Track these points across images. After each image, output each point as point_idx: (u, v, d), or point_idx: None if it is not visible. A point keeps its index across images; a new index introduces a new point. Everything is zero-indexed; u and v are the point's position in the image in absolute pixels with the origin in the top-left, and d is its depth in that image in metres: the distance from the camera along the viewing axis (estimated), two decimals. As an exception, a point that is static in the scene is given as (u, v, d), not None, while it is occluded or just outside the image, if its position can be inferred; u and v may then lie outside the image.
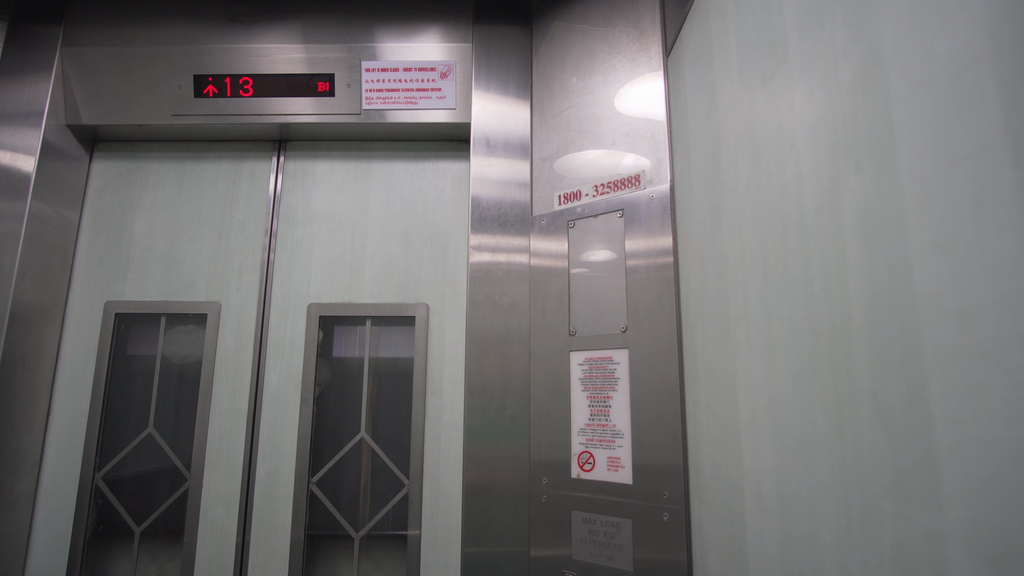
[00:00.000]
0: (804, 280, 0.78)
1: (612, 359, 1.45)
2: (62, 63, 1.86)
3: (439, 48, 1.84)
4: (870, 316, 0.63)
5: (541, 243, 1.65)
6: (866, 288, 0.64)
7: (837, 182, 0.70)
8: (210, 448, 1.77)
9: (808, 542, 0.76)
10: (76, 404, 1.81)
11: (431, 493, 1.74)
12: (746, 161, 1.00)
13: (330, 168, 1.98)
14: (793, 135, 0.82)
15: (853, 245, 0.67)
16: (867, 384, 0.63)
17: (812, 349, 0.75)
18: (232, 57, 1.86)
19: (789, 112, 0.84)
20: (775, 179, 0.88)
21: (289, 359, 1.82)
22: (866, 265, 0.64)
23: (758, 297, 0.93)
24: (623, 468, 1.39)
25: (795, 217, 0.81)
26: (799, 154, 0.80)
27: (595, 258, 1.55)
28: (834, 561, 0.69)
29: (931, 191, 0.55)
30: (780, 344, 0.85)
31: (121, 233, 1.93)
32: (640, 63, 1.58)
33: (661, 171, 1.48)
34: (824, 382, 0.72)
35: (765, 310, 0.90)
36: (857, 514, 0.65)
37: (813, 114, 0.77)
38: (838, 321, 0.69)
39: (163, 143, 2.00)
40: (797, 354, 0.79)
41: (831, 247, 0.71)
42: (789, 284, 0.82)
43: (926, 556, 0.54)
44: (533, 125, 1.76)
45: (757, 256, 0.94)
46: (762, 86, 0.94)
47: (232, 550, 1.72)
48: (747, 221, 0.99)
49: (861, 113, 0.66)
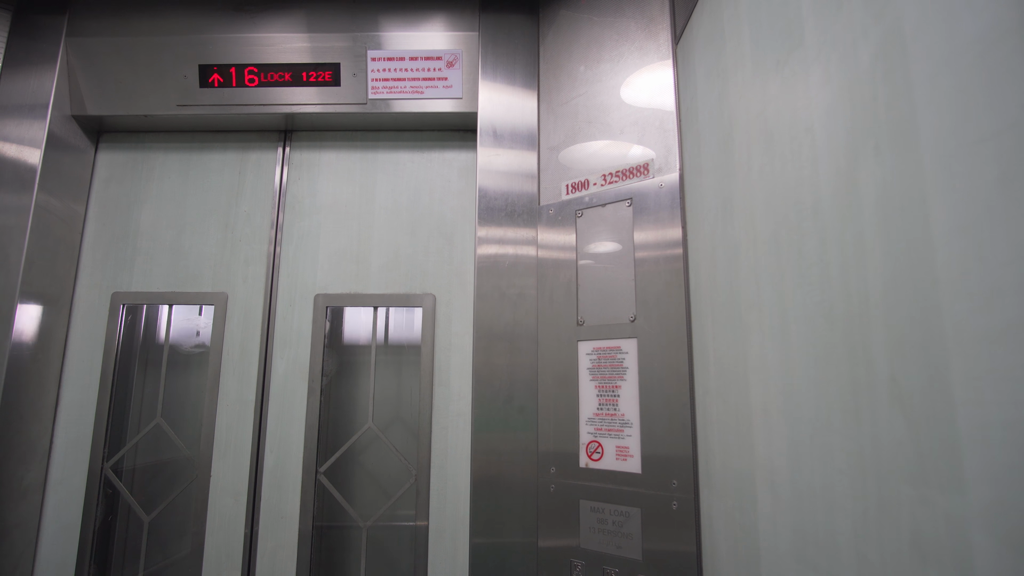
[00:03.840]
0: (820, 266, 0.77)
1: (621, 348, 1.45)
2: (67, 54, 1.85)
3: (445, 37, 1.83)
4: (889, 301, 0.62)
5: (548, 232, 1.64)
6: (885, 272, 0.63)
7: (855, 165, 0.69)
8: (218, 438, 1.78)
9: (823, 529, 0.75)
10: (84, 395, 1.81)
11: (439, 484, 1.74)
12: (759, 147, 0.99)
13: (336, 158, 1.97)
14: (809, 120, 0.81)
15: (872, 229, 0.66)
16: (886, 369, 0.63)
17: (828, 335, 0.75)
18: (237, 46, 1.85)
19: (804, 96, 0.83)
20: (789, 165, 0.87)
21: (296, 349, 1.82)
22: (885, 249, 0.63)
23: (771, 284, 0.93)
24: (632, 457, 1.39)
25: (810, 202, 0.80)
26: (815, 139, 0.80)
27: (603, 248, 1.54)
28: (850, 548, 0.69)
29: (954, 172, 0.54)
30: (794, 331, 0.84)
31: (127, 224, 1.93)
32: (649, 51, 1.56)
33: (670, 160, 1.46)
34: (840, 368, 0.72)
35: (778, 297, 0.90)
36: (874, 500, 0.64)
37: (830, 98, 0.76)
38: (855, 306, 0.69)
39: (168, 134, 2.00)
40: (812, 341, 0.79)
41: (848, 232, 0.70)
42: (804, 270, 0.81)
43: (947, 540, 0.54)
44: (540, 114, 1.74)
45: (770, 243, 0.93)
46: (776, 71, 0.92)
47: (240, 540, 1.72)
48: (760, 208, 0.98)
49: (881, 95, 0.65)
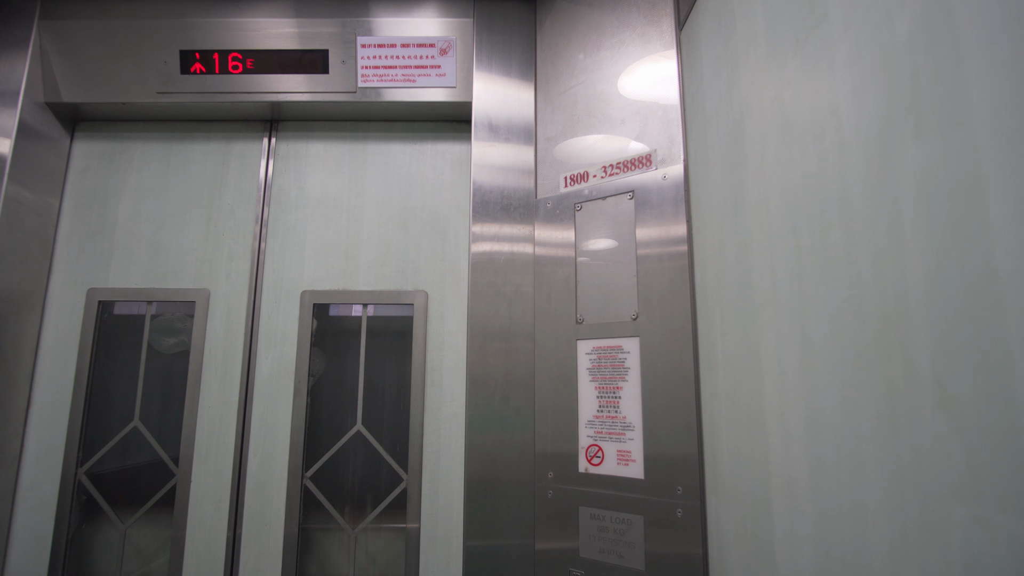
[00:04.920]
0: (847, 259, 0.71)
1: (622, 348, 1.38)
2: (40, 37, 1.76)
3: (438, 23, 1.76)
4: (933, 296, 0.56)
5: (546, 227, 1.57)
6: (928, 265, 0.57)
7: (890, 148, 0.63)
8: (199, 441, 1.70)
9: (851, 546, 0.69)
10: (58, 396, 1.73)
11: (431, 487, 1.67)
12: (774, 134, 0.92)
13: (324, 149, 1.89)
14: (833, 101, 0.75)
15: (911, 217, 0.60)
16: (929, 371, 0.56)
17: (858, 334, 0.68)
18: (221, 32, 1.77)
19: (829, 76, 0.77)
20: (810, 151, 0.81)
21: (281, 348, 1.75)
22: (928, 239, 0.57)
23: (789, 280, 0.86)
24: (634, 462, 1.32)
25: (836, 191, 0.74)
26: (841, 121, 0.73)
27: (603, 243, 1.47)
28: (886, 569, 0.62)
29: (1017, 149, 0.48)
30: (816, 330, 0.78)
31: (104, 217, 1.84)
32: (651, 38, 1.50)
33: (674, 150, 1.40)
34: (873, 370, 0.65)
35: (798, 294, 0.83)
36: (916, 517, 0.58)
37: (859, 76, 0.70)
38: (891, 303, 0.62)
39: (148, 123, 1.91)
40: (839, 340, 0.73)
41: (882, 220, 0.64)
42: (828, 264, 0.75)
43: (1010, 566, 0.47)
44: (538, 104, 1.67)
45: (788, 236, 0.87)
46: (794, 51, 0.86)
47: (223, 547, 1.65)
48: (775, 198, 0.91)
49: (922, 69, 0.59)
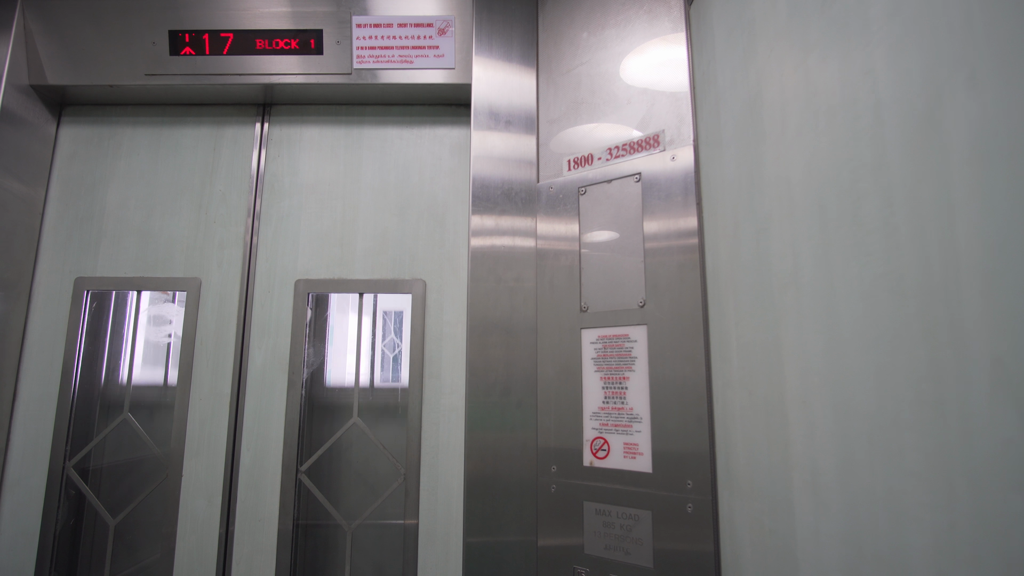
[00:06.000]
0: (884, 231, 0.65)
1: (629, 337, 1.33)
2: (23, 17, 1.70)
3: (436, 2, 1.69)
4: (992, 264, 0.50)
5: (548, 212, 1.51)
6: (984, 231, 0.51)
7: (937, 104, 0.57)
8: (190, 435, 1.64)
9: (887, 543, 0.63)
10: (44, 388, 1.67)
11: (429, 482, 1.61)
12: (797, 105, 0.86)
13: (318, 134, 1.83)
14: (868, 62, 0.69)
15: (962, 179, 0.54)
16: (985, 349, 0.51)
17: (895, 312, 0.63)
18: (211, 11, 1.70)
19: (862, 35, 0.70)
20: (839, 118, 0.75)
21: (275, 339, 1.69)
22: (983, 202, 0.51)
23: (814, 259, 0.80)
24: (641, 455, 1.27)
25: (870, 158, 0.68)
26: (876, 82, 0.67)
27: (609, 228, 1.41)
28: (929, 568, 0.57)
29: (1097, 94, 0.42)
30: (845, 310, 0.72)
31: (92, 204, 1.78)
32: (658, 14, 1.44)
33: (683, 131, 1.34)
34: (914, 351, 0.60)
35: (824, 273, 0.77)
36: (966, 511, 0.52)
37: (899, 29, 0.64)
38: (937, 275, 0.57)
39: (137, 106, 1.85)
40: (872, 320, 0.67)
41: (927, 186, 0.58)
42: (861, 239, 0.69)
43: (1088, 567, 0.42)
44: (539, 85, 1.61)
45: (812, 210, 0.81)
46: (820, 12, 0.80)
47: (215, 544, 1.59)
48: (798, 173, 0.85)
49: (977, 11, 0.53)
